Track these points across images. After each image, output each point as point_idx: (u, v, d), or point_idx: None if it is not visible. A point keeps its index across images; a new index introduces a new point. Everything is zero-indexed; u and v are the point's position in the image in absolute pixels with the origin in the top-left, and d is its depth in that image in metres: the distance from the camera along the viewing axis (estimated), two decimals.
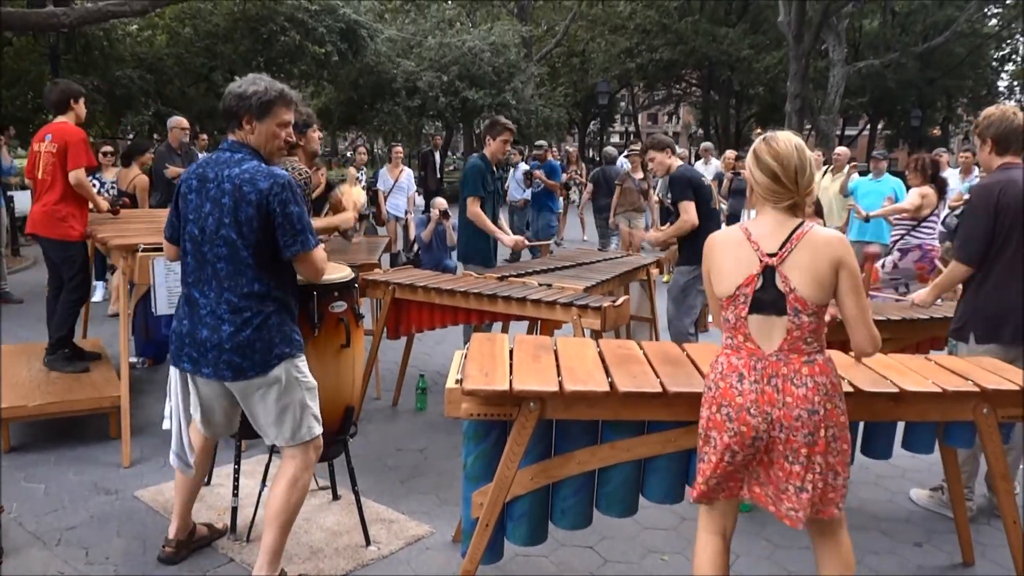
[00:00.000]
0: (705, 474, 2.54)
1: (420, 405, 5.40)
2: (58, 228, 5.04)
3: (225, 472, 3.97)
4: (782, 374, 2.44)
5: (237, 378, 2.91)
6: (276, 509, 3.00)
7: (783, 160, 2.45)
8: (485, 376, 2.81)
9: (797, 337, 2.45)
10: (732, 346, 2.55)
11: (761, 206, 2.55)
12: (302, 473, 3.05)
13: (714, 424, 2.50)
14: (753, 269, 2.46)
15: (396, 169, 10.87)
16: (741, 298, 2.48)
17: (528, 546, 3.04)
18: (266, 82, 2.97)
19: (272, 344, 2.90)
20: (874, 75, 29.40)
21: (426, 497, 4.04)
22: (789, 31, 20.83)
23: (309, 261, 2.95)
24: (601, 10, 32.83)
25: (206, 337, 2.89)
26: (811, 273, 2.42)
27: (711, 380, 2.57)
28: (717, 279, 2.57)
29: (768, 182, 2.48)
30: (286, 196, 2.83)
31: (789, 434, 2.42)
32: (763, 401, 2.43)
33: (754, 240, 2.49)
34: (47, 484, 4.08)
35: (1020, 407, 3.00)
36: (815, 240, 2.43)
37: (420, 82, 22.19)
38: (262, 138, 2.97)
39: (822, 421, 2.42)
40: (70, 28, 11.78)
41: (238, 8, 18.13)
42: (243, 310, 2.87)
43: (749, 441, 2.44)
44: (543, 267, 5.54)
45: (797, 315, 2.43)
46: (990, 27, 33.95)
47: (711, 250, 2.61)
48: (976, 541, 3.60)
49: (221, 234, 2.85)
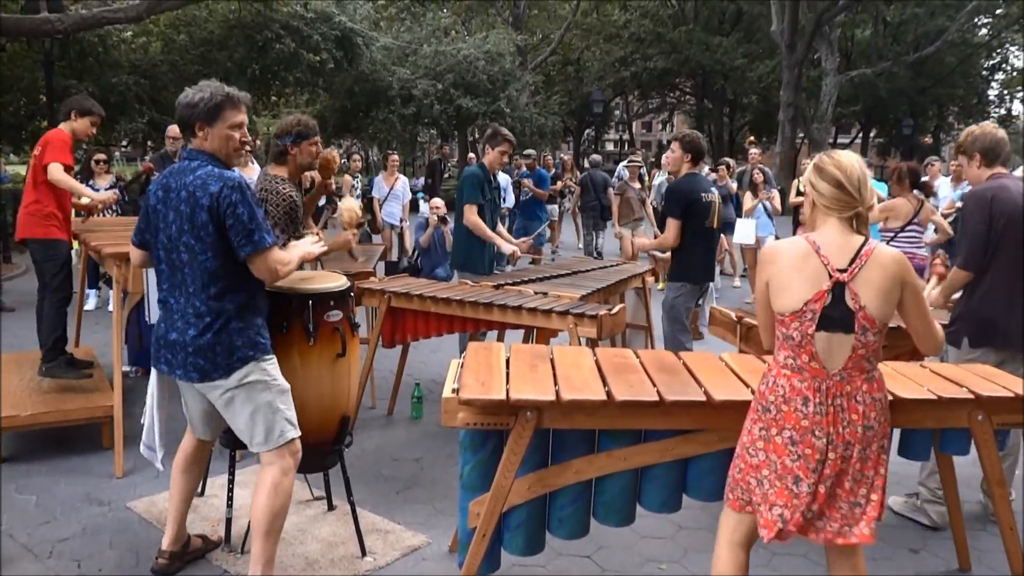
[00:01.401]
0: (772, 504, 2.45)
1: (416, 414, 5.39)
2: (40, 227, 4.98)
3: (219, 483, 3.95)
4: (846, 393, 2.42)
5: (203, 380, 2.97)
6: (260, 518, 3.00)
7: (846, 169, 2.46)
8: (481, 385, 2.81)
9: (862, 356, 2.43)
10: (794, 367, 2.48)
11: (824, 218, 2.51)
12: (281, 479, 3.03)
13: (775, 447, 2.47)
14: (823, 284, 2.41)
15: (392, 177, 10.85)
16: (809, 314, 2.42)
17: (525, 556, 3.03)
18: (212, 87, 3.02)
19: (233, 347, 2.94)
20: (866, 84, 29.53)
21: (422, 507, 4.02)
22: (782, 40, 20.93)
23: (262, 261, 2.94)
24: (596, 19, 32.97)
25: (175, 340, 2.97)
26: (880, 291, 2.41)
27: (768, 402, 2.51)
28: (780, 293, 2.48)
29: (833, 191, 2.47)
30: (235, 197, 2.86)
31: (852, 451, 2.41)
32: (827, 423, 2.41)
33: (823, 254, 2.44)
34: (39, 495, 4.05)
35: (1015, 414, 3.01)
36: (882, 258, 2.43)
37: (415, 90, 22.22)
38: (216, 142, 3.02)
39: (875, 435, 2.44)
40: (64, 34, 11.74)
41: (233, 15, 18.13)
42: (204, 314, 2.93)
43: (814, 465, 2.41)
44: (539, 275, 5.53)
45: (864, 333, 2.41)
46: (980, 37, 34.17)
47: (772, 261, 2.53)
48: (972, 547, 3.60)
49: (183, 241, 2.92)
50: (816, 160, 2.58)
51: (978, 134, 3.89)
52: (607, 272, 5.80)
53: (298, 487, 4.11)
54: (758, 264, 2.62)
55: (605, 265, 6.19)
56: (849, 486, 2.44)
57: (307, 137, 3.88)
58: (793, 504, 2.43)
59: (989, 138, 3.85)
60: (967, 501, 3.88)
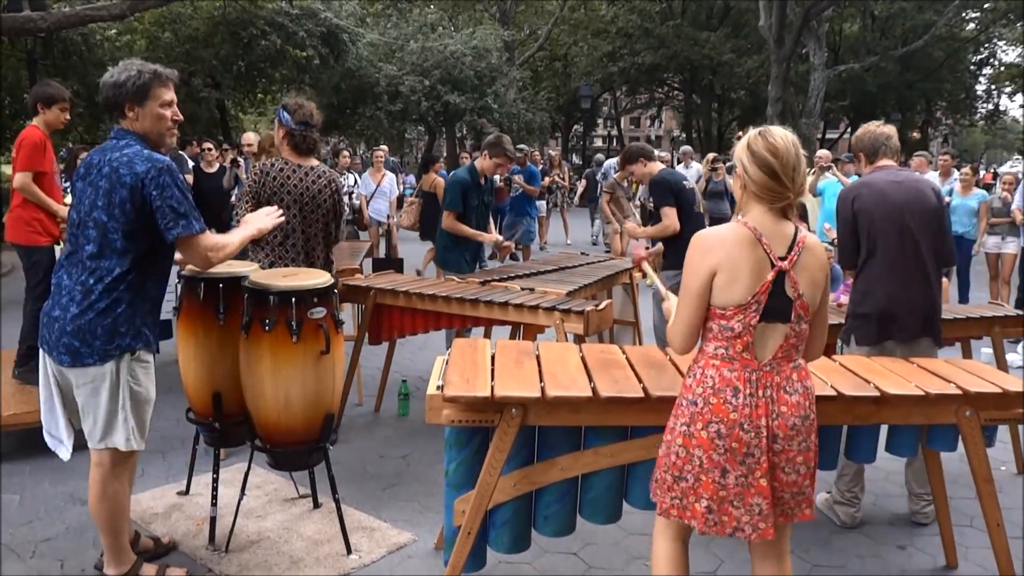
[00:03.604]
0: (698, 495, 2.39)
1: (402, 411, 5.36)
2: (24, 233, 4.96)
3: (204, 481, 3.92)
4: (775, 383, 2.36)
5: (74, 364, 2.87)
6: (100, 520, 3.03)
7: (781, 155, 2.30)
8: (466, 382, 2.79)
9: (792, 344, 2.38)
10: (725, 357, 2.37)
11: (752, 206, 2.39)
12: (110, 482, 3.00)
13: (699, 442, 2.37)
14: (768, 274, 2.32)
15: (378, 173, 10.82)
16: (754, 306, 2.31)
17: (511, 553, 3.01)
18: (138, 65, 2.99)
19: (116, 332, 2.86)
20: (854, 79, 29.60)
21: (408, 504, 4.00)
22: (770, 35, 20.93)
23: (193, 246, 2.91)
24: (583, 14, 32.91)
25: (56, 316, 2.88)
26: (813, 279, 2.38)
27: (696, 394, 2.40)
28: (728, 283, 2.32)
29: (765, 179, 2.32)
30: (165, 180, 2.82)
31: (785, 444, 2.35)
32: (756, 415, 2.32)
33: (765, 242, 2.32)
34: (22, 495, 4.02)
35: (1003, 410, 3.00)
36: (812, 246, 2.40)
37: (402, 86, 22.20)
38: (148, 122, 2.98)
39: (812, 425, 2.41)
40: (47, 32, 11.67)
41: (218, 12, 18.04)
42: (92, 291, 2.84)
43: (740, 458, 2.33)
44: (525, 271, 5.51)
45: (799, 322, 2.37)
46: (968, 31, 34.29)
47: (718, 249, 2.34)
48: (959, 543, 3.60)
49: (93, 216, 2.85)
50: (748, 138, 2.39)
51: (860, 135, 4.02)
52: (594, 268, 5.78)
53: (283, 485, 4.10)
54: (695, 253, 2.39)
55: (592, 261, 6.17)
56: (789, 478, 2.38)
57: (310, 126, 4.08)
58: (720, 496, 2.36)
59: (868, 137, 3.94)
60: (953, 497, 3.89)
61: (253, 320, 3.24)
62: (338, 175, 4.00)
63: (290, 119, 4.09)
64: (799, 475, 2.40)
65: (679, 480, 2.43)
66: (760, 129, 2.40)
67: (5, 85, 14.91)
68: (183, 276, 3.52)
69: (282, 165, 4.09)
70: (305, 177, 4.11)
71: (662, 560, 2.57)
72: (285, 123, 4.11)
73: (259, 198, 4.05)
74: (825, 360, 3.25)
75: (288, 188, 4.06)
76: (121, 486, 3.06)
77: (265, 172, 4.07)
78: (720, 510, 2.37)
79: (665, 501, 2.49)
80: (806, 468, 2.41)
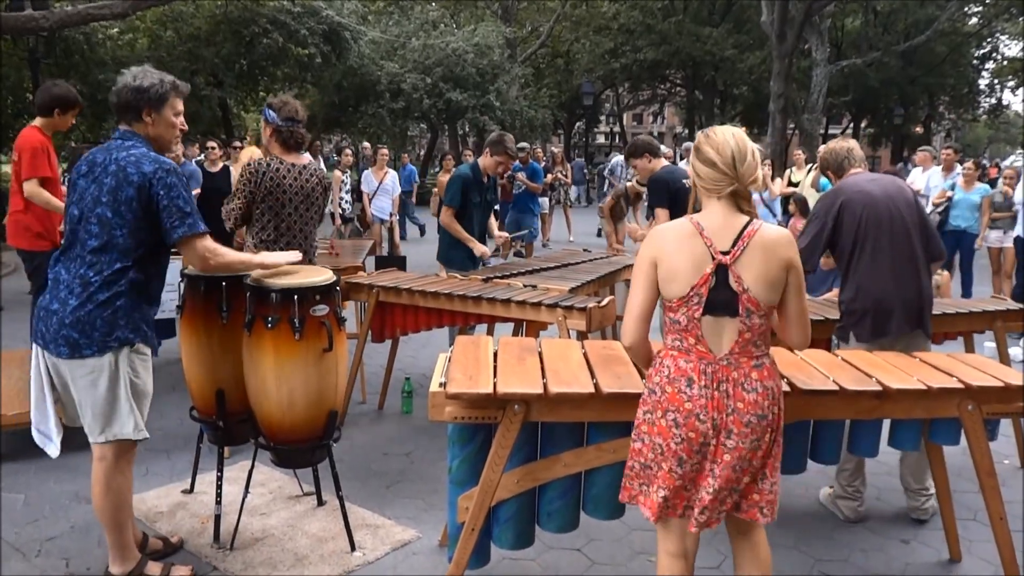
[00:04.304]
0: (657, 486, 2.45)
1: (406, 408, 5.37)
2: (24, 238, 4.99)
3: (208, 479, 3.93)
4: (732, 378, 2.38)
5: (73, 355, 2.89)
6: (104, 515, 3.05)
7: (719, 147, 2.41)
8: (469, 379, 2.79)
9: (748, 340, 2.39)
10: (681, 348, 2.43)
11: (706, 200, 2.48)
12: (114, 475, 3.03)
13: (659, 430, 2.42)
14: (707, 267, 2.36)
15: (381, 171, 10.84)
16: (695, 299, 2.37)
17: (515, 550, 3.01)
18: (158, 74, 3.08)
19: (115, 325, 2.91)
20: (857, 74, 29.55)
21: (412, 501, 4.01)
22: (772, 31, 20.88)
23: (194, 246, 2.97)
24: (585, 11, 32.88)
25: (55, 309, 2.92)
26: (763, 273, 2.37)
27: (655, 383, 2.46)
28: (668, 277, 2.41)
29: (708, 171, 2.42)
30: (171, 180, 2.90)
31: (739, 441, 2.36)
32: (711, 407, 2.36)
33: (707, 235, 2.39)
34: (27, 494, 4.03)
35: (1005, 403, 3.00)
36: (765, 239, 2.39)
37: (404, 84, 22.17)
38: (162, 128, 3.07)
39: (768, 426, 2.41)
40: (49, 31, 11.68)
41: (220, 10, 18.05)
42: (91, 284, 2.89)
43: (696, 447, 2.37)
44: (528, 268, 5.52)
45: (749, 316, 2.37)
46: (971, 26, 34.18)
47: (659, 243, 2.44)
48: (963, 537, 3.61)
49: (96, 212, 2.90)
50: (696, 140, 2.54)
51: (823, 156, 4.15)
52: (597, 264, 5.78)
53: (287, 482, 4.11)
54: (644, 244, 2.50)
55: (595, 258, 6.17)
56: (741, 476, 2.40)
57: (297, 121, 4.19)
58: (675, 486, 2.41)
59: (831, 156, 4.06)
60: (957, 491, 3.89)
61: (256, 318, 3.25)
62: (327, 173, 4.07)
63: (276, 116, 4.13)
64: (751, 474, 2.42)
65: (645, 468, 2.49)
66: (706, 129, 2.54)
67: (7, 84, 14.92)
68: (186, 275, 3.53)
69: (277, 165, 4.09)
70: (299, 176, 4.15)
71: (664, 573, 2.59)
72: (271, 121, 4.15)
73: (253, 197, 4.08)
74: (827, 355, 3.26)
75: (284, 188, 4.09)
76: (125, 480, 3.08)
77: (260, 172, 4.06)
78: (675, 497, 2.44)
79: (633, 488, 2.55)
80: (760, 466, 2.42)
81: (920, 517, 3.90)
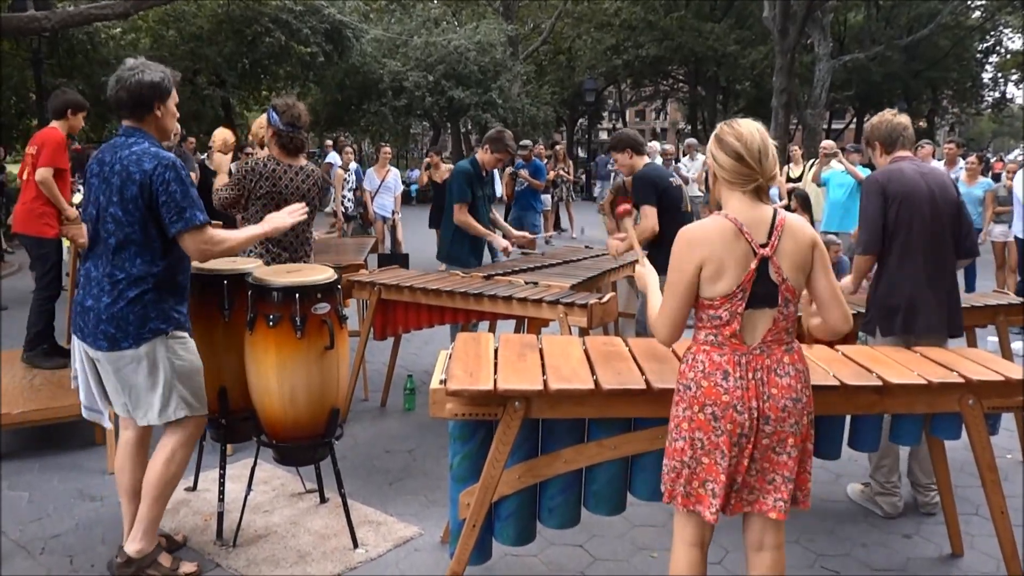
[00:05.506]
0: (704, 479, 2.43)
1: (408, 406, 5.38)
2: (35, 225, 5.27)
3: (211, 477, 3.94)
4: (766, 366, 2.40)
5: (112, 348, 2.99)
6: (149, 482, 3.11)
7: (746, 140, 2.40)
8: (469, 376, 2.79)
9: (782, 328, 2.42)
10: (714, 343, 2.43)
11: (728, 193, 2.46)
12: (179, 448, 3.14)
13: (698, 425, 2.42)
14: (751, 263, 2.37)
15: (383, 169, 10.84)
16: (740, 295, 2.37)
17: (516, 546, 3.03)
18: (158, 66, 3.14)
19: (146, 318, 3.00)
20: (859, 68, 29.45)
21: (414, 498, 4.02)
22: (774, 26, 20.85)
23: (192, 239, 3.01)
24: (587, 7, 32.78)
25: (90, 306, 3.02)
26: (796, 260, 2.41)
27: (689, 379, 2.46)
28: (714, 277, 2.38)
29: (733, 163, 2.41)
30: (169, 175, 2.95)
31: (776, 426, 2.39)
32: (748, 397, 2.38)
33: (746, 232, 2.39)
34: (31, 492, 4.05)
35: (1006, 398, 3.00)
36: (792, 225, 2.43)
37: (406, 82, 22.18)
38: (167, 119, 3.16)
39: (804, 408, 2.43)
40: (52, 31, 11.70)
41: (222, 10, 18.07)
42: (119, 283, 2.98)
43: (735, 439, 2.39)
44: (529, 265, 5.52)
45: (787, 305, 2.41)
46: (974, 19, 34.05)
47: (706, 245, 2.38)
48: (964, 532, 3.61)
49: (109, 211, 2.98)
50: (717, 129, 2.52)
51: (875, 123, 3.96)
52: (598, 261, 5.79)
53: (290, 480, 4.12)
54: (681, 248, 2.44)
55: (596, 254, 6.17)
56: (779, 459, 2.42)
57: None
58: (721, 479, 2.41)
59: (885, 126, 3.90)
60: (958, 486, 3.89)
61: (258, 316, 3.26)
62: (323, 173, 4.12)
63: (279, 120, 4.19)
64: (790, 457, 2.42)
65: (685, 466, 2.47)
66: (728, 120, 2.53)
67: (10, 84, 14.95)
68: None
69: (274, 165, 4.16)
70: (296, 176, 4.22)
71: (681, 564, 2.58)
72: (274, 124, 4.21)
73: (246, 192, 4.18)
74: (827, 350, 3.25)
75: (280, 187, 4.15)
76: (187, 454, 3.19)
77: (255, 170, 4.13)
78: (723, 493, 2.42)
79: (676, 491, 2.51)
80: (796, 451, 2.43)
81: (930, 511, 3.89)
